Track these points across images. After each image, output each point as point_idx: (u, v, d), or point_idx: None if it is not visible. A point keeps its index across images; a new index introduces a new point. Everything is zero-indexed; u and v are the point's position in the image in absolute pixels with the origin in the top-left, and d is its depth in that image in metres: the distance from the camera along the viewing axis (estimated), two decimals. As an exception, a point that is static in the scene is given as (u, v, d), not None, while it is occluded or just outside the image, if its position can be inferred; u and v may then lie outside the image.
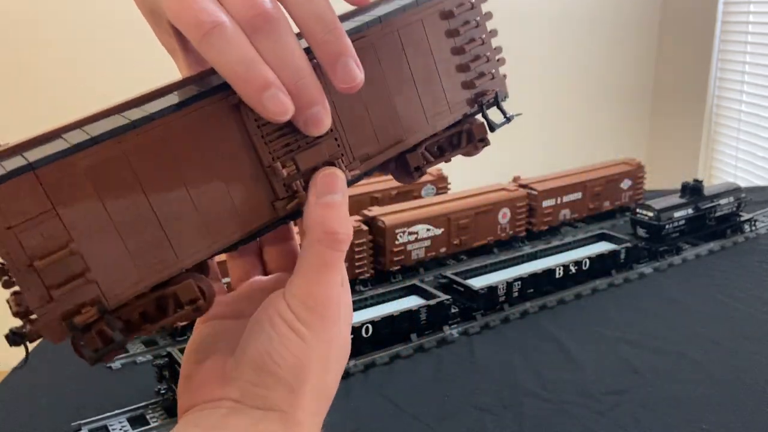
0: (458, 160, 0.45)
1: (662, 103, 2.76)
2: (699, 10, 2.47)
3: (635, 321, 0.96)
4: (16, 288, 0.28)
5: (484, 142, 0.43)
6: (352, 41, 0.33)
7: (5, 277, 0.29)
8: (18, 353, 0.91)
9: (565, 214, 1.33)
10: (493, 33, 0.42)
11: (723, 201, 1.25)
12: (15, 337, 0.30)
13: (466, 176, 1.36)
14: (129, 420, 0.76)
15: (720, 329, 0.92)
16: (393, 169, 0.40)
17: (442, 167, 1.45)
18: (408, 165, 0.39)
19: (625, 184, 1.42)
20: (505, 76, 0.43)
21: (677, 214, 1.19)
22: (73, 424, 0.74)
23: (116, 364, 0.89)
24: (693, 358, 0.85)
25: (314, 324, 0.34)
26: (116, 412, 0.76)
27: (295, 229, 0.41)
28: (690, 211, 1.21)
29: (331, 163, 0.35)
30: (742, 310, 0.98)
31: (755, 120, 2.31)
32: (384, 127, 0.38)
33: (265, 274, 0.42)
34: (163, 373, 0.78)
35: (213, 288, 0.33)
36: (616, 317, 0.98)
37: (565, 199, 1.32)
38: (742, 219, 1.28)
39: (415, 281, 1.01)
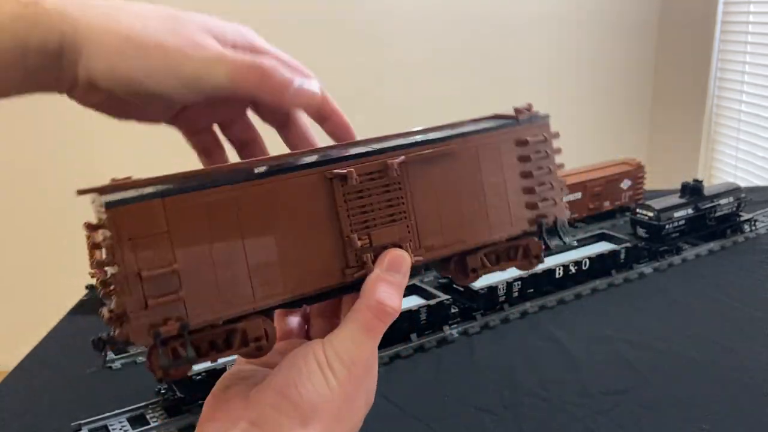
0: None
1: (662, 103, 2.76)
2: (699, 11, 2.47)
3: (635, 321, 0.96)
4: (115, 295, 0.34)
5: (539, 259, 0.47)
6: (439, 147, 0.41)
7: (106, 289, 0.35)
8: (17, 354, 0.90)
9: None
10: (561, 166, 0.47)
11: (723, 201, 1.25)
12: (99, 343, 0.36)
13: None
14: (129, 420, 0.76)
15: (720, 329, 0.92)
16: (451, 268, 0.44)
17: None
18: (466, 266, 0.44)
19: (625, 184, 1.42)
20: (567, 206, 0.48)
21: (677, 214, 1.19)
22: (73, 424, 0.74)
23: (116, 365, 0.89)
24: (693, 358, 0.85)
25: (340, 375, 0.37)
26: (116, 412, 0.76)
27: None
28: (690, 211, 1.21)
29: (400, 245, 0.41)
30: (743, 310, 0.98)
31: (755, 120, 2.31)
32: (451, 226, 0.43)
33: (307, 339, 0.46)
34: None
35: (275, 333, 0.38)
36: (616, 317, 0.98)
37: (565, 199, 1.32)
38: (742, 219, 1.28)
39: (415, 281, 1.01)
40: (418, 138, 0.42)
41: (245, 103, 0.46)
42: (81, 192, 0.36)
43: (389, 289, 0.39)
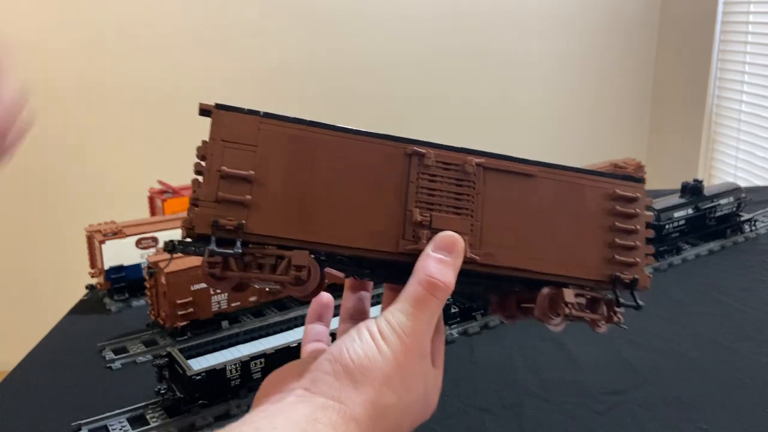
0: None
1: (662, 103, 2.76)
2: (699, 11, 2.47)
3: (635, 321, 0.96)
4: (200, 185, 0.39)
5: (612, 321, 0.46)
6: (521, 165, 0.43)
7: (197, 177, 0.40)
8: (17, 354, 0.91)
9: (565, 214, 1.33)
10: (649, 232, 0.46)
11: (723, 201, 1.25)
12: (169, 246, 0.40)
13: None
14: (129, 420, 0.76)
15: (720, 329, 0.92)
16: (539, 303, 0.43)
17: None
18: (556, 301, 0.43)
19: (625, 184, 1.42)
20: (649, 276, 0.46)
21: (677, 214, 1.19)
22: (73, 424, 0.74)
23: (116, 365, 0.89)
24: (693, 358, 0.85)
25: (391, 343, 0.39)
26: (116, 412, 0.76)
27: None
28: (690, 211, 1.21)
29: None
30: (743, 310, 0.98)
31: (755, 120, 2.31)
32: (517, 244, 0.43)
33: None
34: (163, 373, 0.78)
35: (319, 275, 0.40)
36: (616, 317, 0.97)
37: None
38: (742, 219, 1.28)
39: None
40: (507, 155, 0.44)
41: None
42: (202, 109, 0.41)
43: (440, 266, 0.40)
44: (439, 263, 0.40)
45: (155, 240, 1.12)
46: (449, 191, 0.42)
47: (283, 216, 0.40)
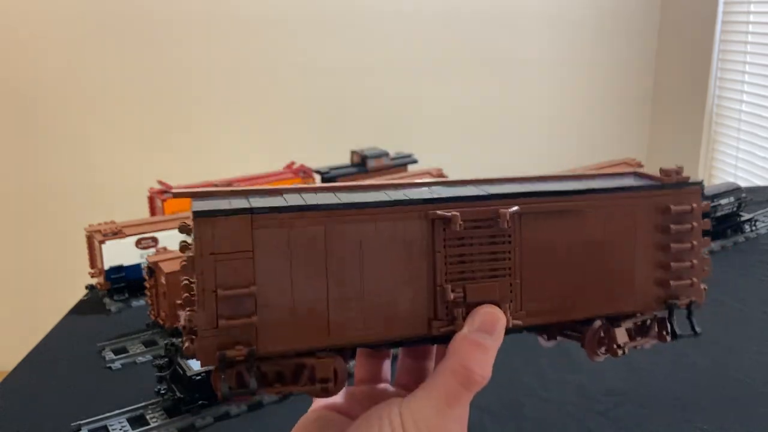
0: (459, 159, 0.45)
1: (662, 103, 2.76)
2: (699, 11, 2.47)
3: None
4: (193, 307, 0.32)
5: (665, 340, 0.42)
6: (562, 202, 0.37)
7: (187, 294, 0.33)
8: (17, 354, 0.91)
9: (565, 214, 1.33)
10: (706, 242, 0.41)
11: (723, 201, 1.25)
12: (172, 349, 0.35)
13: (466, 177, 1.35)
14: (129, 420, 0.76)
15: (720, 329, 0.92)
16: (587, 338, 0.40)
17: (444, 167, 1.45)
18: (609, 339, 0.39)
19: (626, 184, 1.42)
20: (705, 289, 0.42)
21: (677, 214, 1.19)
22: (73, 424, 0.74)
23: (116, 365, 0.89)
24: (693, 358, 0.85)
25: None
26: (116, 412, 0.76)
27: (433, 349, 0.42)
28: (690, 211, 1.21)
29: (498, 305, 0.36)
30: (742, 310, 0.97)
31: (755, 120, 2.31)
32: (561, 291, 0.38)
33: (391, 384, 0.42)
34: (163, 374, 0.78)
35: (345, 374, 0.35)
36: (616, 317, 0.97)
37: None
38: (743, 219, 1.28)
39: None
40: (538, 187, 0.38)
41: None
42: (177, 195, 0.35)
43: (478, 354, 0.34)
44: (478, 350, 0.34)
45: (155, 240, 1.12)
46: (483, 253, 0.36)
47: (299, 324, 0.33)
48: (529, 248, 0.37)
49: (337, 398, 0.39)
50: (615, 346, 0.39)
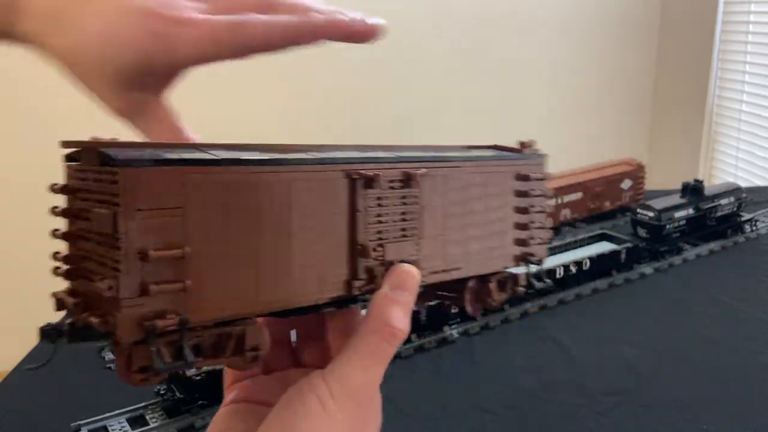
0: None
1: (663, 103, 2.76)
2: (699, 11, 2.47)
3: (635, 321, 0.96)
4: (101, 275, 0.28)
5: (517, 294, 0.45)
6: (459, 166, 0.39)
7: (77, 264, 0.30)
8: (17, 354, 0.90)
9: (566, 214, 1.33)
10: (548, 206, 0.45)
11: (723, 201, 1.25)
12: (52, 333, 0.30)
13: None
14: (128, 420, 0.76)
15: (720, 329, 0.92)
16: (466, 297, 0.42)
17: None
18: (483, 295, 0.42)
19: (626, 184, 1.42)
20: (546, 246, 0.46)
21: (678, 214, 1.19)
22: (72, 424, 0.74)
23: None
24: (693, 358, 0.85)
25: (347, 407, 0.32)
26: (116, 412, 0.76)
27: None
28: (690, 211, 1.21)
29: (412, 263, 0.37)
30: (742, 310, 0.97)
31: (755, 120, 2.31)
32: (453, 251, 0.40)
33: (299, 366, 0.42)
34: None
35: (268, 343, 0.32)
36: (616, 317, 0.97)
37: (566, 199, 1.32)
38: (743, 219, 1.28)
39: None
40: (434, 154, 0.39)
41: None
42: (68, 144, 0.30)
43: (397, 310, 0.34)
44: (397, 306, 0.34)
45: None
46: (396, 213, 0.36)
47: (230, 290, 0.31)
48: (427, 209, 0.38)
49: (251, 389, 0.38)
50: (490, 300, 0.42)
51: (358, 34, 0.39)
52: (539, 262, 0.45)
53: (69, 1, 0.37)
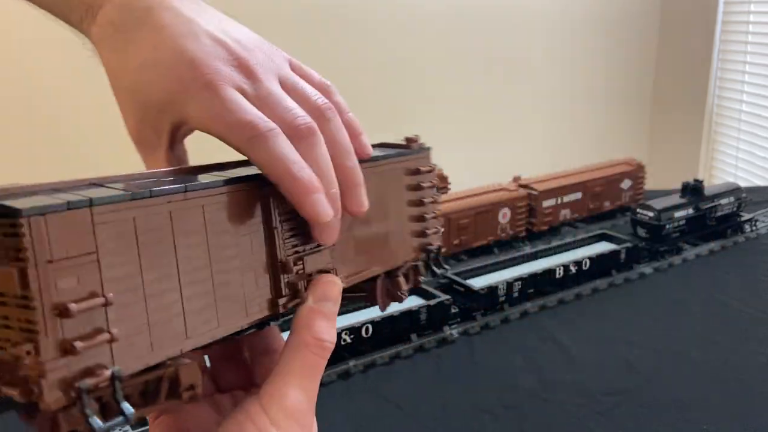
0: (460, 159, 0.46)
1: (662, 103, 2.76)
2: (699, 10, 2.47)
3: (635, 321, 0.96)
4: (14, 341, 0.25)
5: (418, 285, 0.47)
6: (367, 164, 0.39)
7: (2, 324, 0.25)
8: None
9: (566, 214, 1.33)
10: (438, 197, 0.47)
11: (723, 201, 1.25)
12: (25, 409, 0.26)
13: (466, 176, 1.35)
14: (129, 420, 0.75)
15: (720, 329, 0.92)
16: (378, 293, 0.44)
17: (442, 166, 1.45)
18: (392, 290, 0.44)
19: (626, 184, 1.42)
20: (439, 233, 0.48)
21: (678, 214, 1.19)
22: (73, 424, 0.74)
23: (116, 364, 0.89)
24: (693, 358, 0.85)
25: (290, 430, 0.31)
26: (116, 412, 0.76)
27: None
28: (690, 211, 1.21)
29: (330, 272, 0.37)
30: (743, 310, 0.98)
31: (755, 120, 2.31)
32: (362, 252, 0.41)
33: (218, 391, 0.40)
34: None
35: (201, 380, 0.30)
36: (616, 317, 0.98)
37: (566, 199, 1.32)
38: (743, 219, 1.28)
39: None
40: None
41: None
42: None
43: (324, 322, 0.34)
44: (322, 318, 0.34)
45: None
46: (305, 224, 0.35)
47: (157, 332, 0.29)
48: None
49: (177, 418, 0.36)
50: (399, 293, 0.44)
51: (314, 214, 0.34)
52: (438, 250, 0.47)
53: (130, 19, 0.36)
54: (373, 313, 0.89)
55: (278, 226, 0.34)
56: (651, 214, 1.18)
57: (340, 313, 0.41)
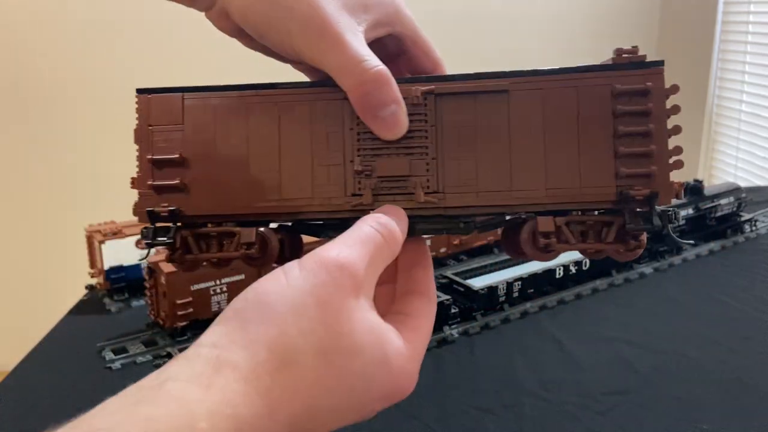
0: None
1: (662, 103, 2.76)
2: (699, 10, 2.47)
3: (635, 321, 0.96)
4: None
5: (640, 246, 0.36)
6: (483, 83, 0.36)
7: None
8: (17, 354, 0.90)
9: (565, 214, 1.33)
10: (675, 129, 0.38)
11: (723, 201, 1.25)
12: (147, 233, 0.39)
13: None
14: (129, 420, 0.75)
15: (720, 329, 0.92)
16: (522, 237, 0.37)
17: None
18: (536, 235, 0.36)
19: (626, 184, 1.42)
20: (677, 183, 0.38)
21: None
22: (73, 424, 0.74)
23: (116, 365, 0.89)
24: (693, 358, 0.85)
25: (313, 274, 0.29)
26: (116, 412, 0.76)
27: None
28: (690, 211, 1.21)
29: (408, 177, 0.37)
30: (743, 310, 0.97)
31: (755, 120, 2.31)
32: (492, 176, 0.36)
33: None
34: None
35: (274, 247, 0.38)
36: (616, 317, 0.97)
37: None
38: (743, 219, 1.28)
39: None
40: (467, 73, 0.38)
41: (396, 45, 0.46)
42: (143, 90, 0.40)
43: (387, 215, 0.35)
44: (386, 212, 0.35)
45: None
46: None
47: (224, 191, 0.38)
48: (449, 128, 0.37)
49: None
50: (539, 236, 0.36)
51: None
52: (650, 198, 0.38)
53: None
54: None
55: (354, 127, 0.38)
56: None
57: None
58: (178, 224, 0.39)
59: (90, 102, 2.18)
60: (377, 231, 0.33)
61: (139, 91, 0.39)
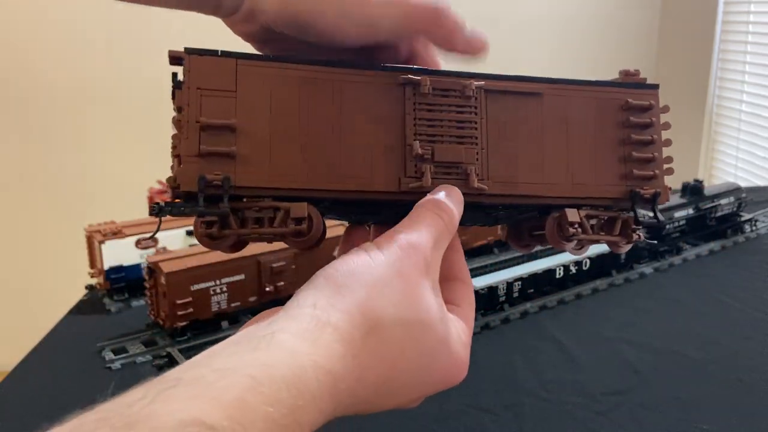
0: None
1: (662, 103, 2.76)
2: (699, 11, 2.47)
3: (635, 321, 0.96)
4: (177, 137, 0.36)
5: (635, 235, 0.42)
6: (525, 84, 0.41)
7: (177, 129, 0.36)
8: (17, 354, 0.90)
9: (566, 214, 1.33)
10: (667, 141, 0.44)
11: (723, 201, 1.25)
12: (155, 209, 0.36)
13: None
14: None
15: (720, 329, 0.92)
16: (549, 225, 0.41)
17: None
18: (563, 223, 0.40)
19: (626, 184, 1.42)
20: (669, 188, 0.44)
21: (677, 214, 1.19)
22: (72, 424, 0.74)
23: (116, 365, 0.89)
24: (693, 358, 0.85)
25: (389, 251, 0.32)
26: (116, 412, 0.76)
27: None
28: (690, 211, 1.21)
29: (463, 165, 0.39)
30: (743, 310, 0.97)
31: (755, 120, 2.31)
32: (526, 168, 0.40)
33: None
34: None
35: (320, 223, 0.37)
36: (616, 317, 0.97)
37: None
38: (743, 219, 1.28)
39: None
40: (509, 74, 0.41)
41: (408, 49, 0.44)
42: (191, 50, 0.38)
43: (447, 196, 0.37)
44: (446, 194, 0.37)
45: (155, 240, 1.12)
46: (451, 120, 0.39)
47: (275, 164, 0.36)
48: (493, 123, 0.40)
49: None
50: (567, 226, 0.40)
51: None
52: (654, 197, 0.44)
53: None
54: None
55: (411, 112, 0.38)
56: (651, 214, 1.17)
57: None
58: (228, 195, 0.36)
59: (90, 102, 2.18)
60: (438, 215, 0.35)
61: (189, 51, 0.36)
